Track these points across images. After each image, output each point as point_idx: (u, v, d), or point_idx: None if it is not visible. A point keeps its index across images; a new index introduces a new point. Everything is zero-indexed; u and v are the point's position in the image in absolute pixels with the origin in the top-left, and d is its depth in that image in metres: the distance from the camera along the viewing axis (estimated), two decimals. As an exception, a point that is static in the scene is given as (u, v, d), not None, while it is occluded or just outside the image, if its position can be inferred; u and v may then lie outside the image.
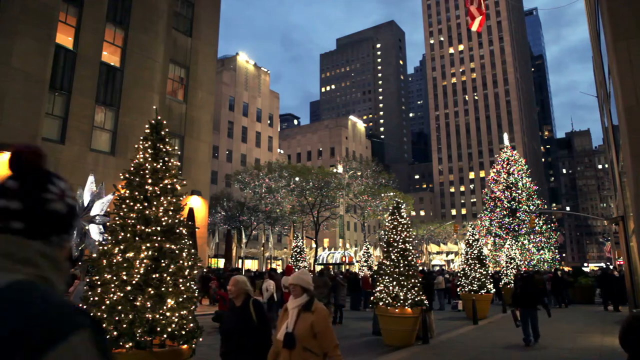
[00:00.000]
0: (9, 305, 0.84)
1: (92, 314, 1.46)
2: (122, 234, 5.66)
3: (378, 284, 11.43)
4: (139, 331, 5.14)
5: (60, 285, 0.98)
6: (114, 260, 5.46)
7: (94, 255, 5.73)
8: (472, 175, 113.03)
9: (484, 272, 17.88)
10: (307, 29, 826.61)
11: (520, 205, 37.62)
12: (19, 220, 0.95)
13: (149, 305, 5.26)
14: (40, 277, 0.94)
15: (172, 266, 5.60)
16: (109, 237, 5.77)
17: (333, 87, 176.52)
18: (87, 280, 5.92)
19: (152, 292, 5.34)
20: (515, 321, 11.10)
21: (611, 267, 35.09)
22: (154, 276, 5.45)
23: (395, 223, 11.60)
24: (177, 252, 5.72)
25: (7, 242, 0.94)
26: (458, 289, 18.96)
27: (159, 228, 5.69)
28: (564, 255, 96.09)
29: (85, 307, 5.15)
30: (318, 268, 40.86)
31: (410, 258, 11.23)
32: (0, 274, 0.89)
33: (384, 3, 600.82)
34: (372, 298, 11.47)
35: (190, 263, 5.87)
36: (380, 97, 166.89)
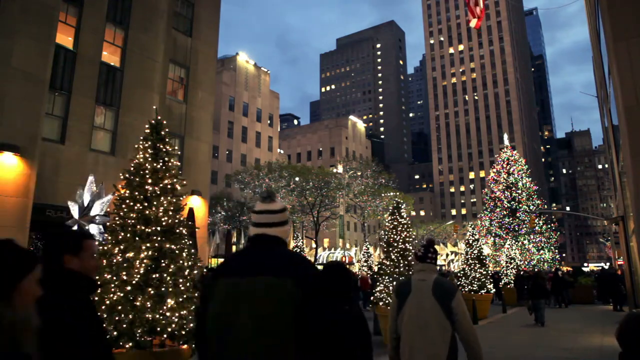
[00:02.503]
0: (442, 286, 3.30)
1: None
2: (122, 234, 5.65)
3: (378, 284, 11.42)
4: (139, 331, 5.14)
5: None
6: (114, 260, 5.46)
7: (94, 255, 5.72)
8: (472, 175, 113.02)
9: (484, 272, 17.87)
10: (303, 31, 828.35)
11: (520, 205, 37.57)
12: (428, 259, 3.47)
13: (149, 305, 5.26)
14: (437, 276, 3.37)
15: (172, 266, 5.59)
16: (109, 237, 5.76)
17: (333, 87, 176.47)
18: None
19: (152, 292, 5.34)
20: (529, 310, 14.59)
21: (610, 266, 35.04)
22: (154, 276, 5.44)
23: (395, 223, 11.59)
24: (177, 252, 5.71)
25: (427, 266, 3.43)
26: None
27: (159, 228, 5.69)
28: (564, 255, 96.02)
29: None
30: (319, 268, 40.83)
31: (410, 258, 11.22)
32: (431, 275, 3.36)
33: (379, 6, 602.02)
34: (372, 298, 11.46)
35: (190, 263, 5.86)
36: (380, 97, 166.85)
